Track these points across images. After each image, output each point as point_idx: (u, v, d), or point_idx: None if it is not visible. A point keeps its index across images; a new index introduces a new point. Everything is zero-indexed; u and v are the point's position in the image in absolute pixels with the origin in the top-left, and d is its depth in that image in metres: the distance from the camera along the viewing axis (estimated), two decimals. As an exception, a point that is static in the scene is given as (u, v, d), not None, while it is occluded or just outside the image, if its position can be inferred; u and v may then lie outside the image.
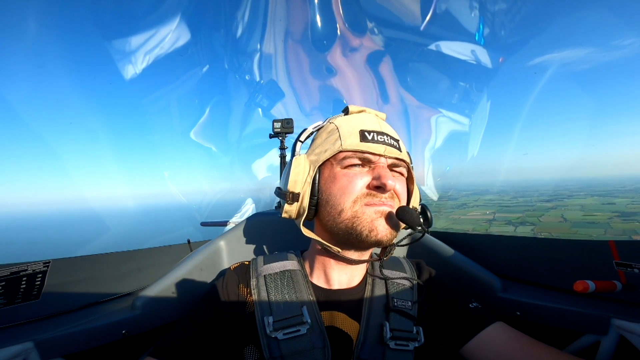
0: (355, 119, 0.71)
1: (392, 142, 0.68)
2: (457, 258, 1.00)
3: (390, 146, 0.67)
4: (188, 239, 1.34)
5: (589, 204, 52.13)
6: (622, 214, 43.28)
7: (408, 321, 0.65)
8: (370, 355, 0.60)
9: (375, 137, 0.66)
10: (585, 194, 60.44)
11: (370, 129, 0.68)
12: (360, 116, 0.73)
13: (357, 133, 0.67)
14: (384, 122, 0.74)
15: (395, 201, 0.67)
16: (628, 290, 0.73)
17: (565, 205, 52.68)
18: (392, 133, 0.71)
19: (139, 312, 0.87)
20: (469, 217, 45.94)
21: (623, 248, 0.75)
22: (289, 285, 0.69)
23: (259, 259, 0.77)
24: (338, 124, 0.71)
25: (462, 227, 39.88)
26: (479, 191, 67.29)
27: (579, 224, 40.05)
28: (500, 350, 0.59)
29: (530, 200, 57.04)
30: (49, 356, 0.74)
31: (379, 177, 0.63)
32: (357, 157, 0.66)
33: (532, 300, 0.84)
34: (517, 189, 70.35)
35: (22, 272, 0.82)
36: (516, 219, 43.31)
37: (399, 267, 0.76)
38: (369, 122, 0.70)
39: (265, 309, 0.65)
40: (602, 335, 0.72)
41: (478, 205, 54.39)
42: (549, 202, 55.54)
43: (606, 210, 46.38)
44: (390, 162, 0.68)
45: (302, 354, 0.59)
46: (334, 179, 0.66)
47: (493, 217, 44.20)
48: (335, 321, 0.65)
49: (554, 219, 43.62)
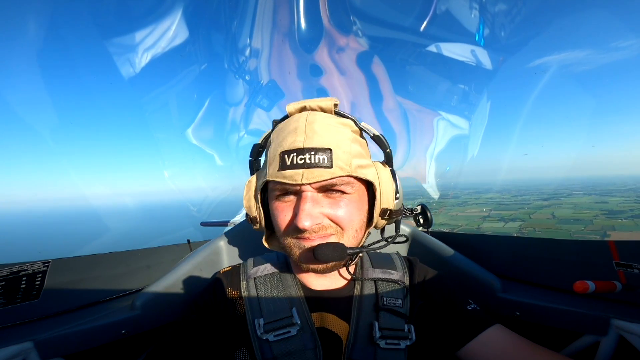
0: (283, 132, 0.63)
1: (318, 159, 0.57)
2: (457, 258, 1.00)
3: (313, 167, 0.57)
4: (188, 239, 1.34)
5: (583, 202, 53.71)
6: (609, 212, 45.06)
7: (399, 319, 0.64)
8: (361, 355, 0.60)
9: (295, 159, 0.58)
10: (584, 193, 61.53)
11: (290, 147, 0.59)
12: (289, 126, 0.63)
13: (277, 157, 0.60)
14: (315, 125, 0.60)
15: (329, 230, 0.61)
16: (628, 291, 0.73)
17: (560, 204, 54.18)
18: (320, 142, 0.58)
19: (139, 312, 0.87)
20: (466, 214, 46.85)
21: (623, 248, 0.75)
22: (278, 287, 0.69)
23: (249, 262, 0.76)
24: (271, 140, 0.65)
25: (456, 223, 40.88)
26: (482, 190, 67.96)
27: (565, 220, 41.83)
28: (498, 353, 0.59)
29: (528, 199, 58.40)
30: (48, 356, 0.74)
31: (296, 217, 0.59)
32: (277, 189, 0.62)
33: (531, 300, 0.84)
34: (519, 188, 71.20)
35: (22, 272, 0.82)
36: (509, 216, 44.51)
37: (389, 264, 0.75)
38: (294, 134, 0.60)
39: (255, 311, 0.65)
40: (602, 336, 0.72)
41: (478, 203, 55.05)
42: (545, 200, 56.52)
43: (596, 208, 47.98)
44: (323, 184, 0.59)
45: (294, 355, 0.59)
46: (271, 208, 0.65)
47: (488, 214, 45.31)
48: (325, 322, 0.65)
49: (544, 216, 45.33)
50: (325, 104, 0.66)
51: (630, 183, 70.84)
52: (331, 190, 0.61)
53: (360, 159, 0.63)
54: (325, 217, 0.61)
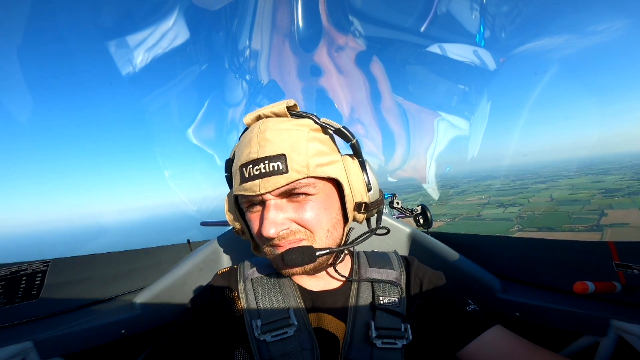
0: (241, 146, 0.64)
1: (273, 167, 0.58)
2: (457, 258, 1.00)
3: (268, 176, 0.58)
4: (188, 239, 1.34)
5: (580, 183, 54.17)
6: (606, 191, 44.85)
7: (395, 319, 0.64)
8: (358, 355, 0.60)
9: (251, 171, 0.59)
10: (581, 173, 61.87)
11: (246, 160, 0.60)
12: (245, 138, 0.64)
13: (238, 172, 0.62)
14: (267, 134, 0.61)
15: (298, 235, 0.62)
16: (627, 292, 0.73)
17: (557, 186, 54.54)
18: (272, 149, 0.59)
19: (139, 312, 0.88)
20: (466, 202, 46.99)
21: (623, 249, 0.75)
22: (275, 288, 0.69)
23: (246, 263, 0.77)
24: (235, 154, 0.67)
25: (457, 212, 41.02)
26: (481, 177, 68.16)
27: (563, 202, 42.08)
28: (499, 354, 0.59)
29: (527, 183, 58.53)
30: (48, 355, 0.74)
31: (262, 225, 0.60)
32: (244, 202, 0.64)
33: (531, 301, 0.84)
34: (517, 173, 71.42)
35: (22, 271, 0.82)
36: (508, 202, 44.57)
37: (386, 263, 0.75)
38: (248, 146, 0.61)
39: (253, 312, 0.65)
40: (601, 337, 0.72)
41: (477, 191, 55.19)
42: (543, 183, 56.75)
43: (593, 188, 47.89)
44: (282, 190, 0.60)
45: (291, 355, 0.59)
46: (247, 220, 0.67)
47: (487, 201, 45.45)
48: (322, 323, 0.65)
49: (543, 199, 45.45)
50: (278, 108, 0.65)
51: (626, 160, 70.77)
52: (294, 194, 0.61)
53: (320, 157, 0.61)
54: (292, 222, 0.61)
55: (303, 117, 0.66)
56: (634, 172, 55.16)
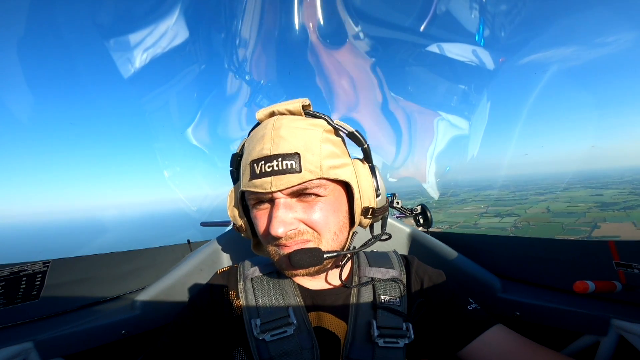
0: (253, 141, 0.63)
1: (286, 165, 0.57)
2: (457, 258, 1.00)
3: (281, 174, 0.57)
4: (188, 239, 1.34)
5: (579, 196, 54.31)
6: (602, 205, 45.31)
7: (397, 318, 0.64)
8: (359, 354, 0.60)
9: (263, 168, 0.58)
10: (581, 186, 62.12)
11: (259, 156, 0.59)
12: (258, 134, 0.63)
13: (248, 167, 0.60)
14: (282, 131, 0.60)
15: (306, 235, 0.61)
16: (628, 291, 0.73)
17: (556, 198, 54.66)
18: (287, 147, 0.58)
19: (139, 312, 0.87)
20: (464, 211, 47.25)
21: (623, 248, 0.75)
22: (275, 287, 0.69)
23: (246, 262, 0.77)
24: (244, 149, 0.65)
25: (454, 220, 41.16)
26: (480, 187, 68.40)
27: (559, 214, 42.17)
28: (500, 353, 0.59)
29: (526, 194, 59.03)
30: (48, 356, 0.74)
31: (270, 224, 0.59)
32: (252, 198, 0.62)
33: (531, 300, 0.84)
34: (517, 184, 71.79)
35: (22, 272, 0.82)
36: (505, 212, 44.98)
37: (386, 262, 0.75)
38: (262, 142, 0.60)
39: (252, 311, 0.65)
40: (602, 336, 0.72)
41: (476, 200, 55.41)
42: (542, 195, 56.98)
43: (590, 201, 48.34)
44: (294, 190, 0.58)
45: (291, 354, 0.59)
46: (252, 217, 0.65)
47: (485, 211, 45.76)
48: (322, 322, 0.65)
49: (540, 210, 45.59)
50: (293, 106, 0.65)
51: (626, 175, 71.17)
52: (304, 194, 0.60)
53: (333, 159, 0.61)
54: (300, 222, 0.60)
55: (317, 117, 0.65)
56: (633, 186, 55.60)
